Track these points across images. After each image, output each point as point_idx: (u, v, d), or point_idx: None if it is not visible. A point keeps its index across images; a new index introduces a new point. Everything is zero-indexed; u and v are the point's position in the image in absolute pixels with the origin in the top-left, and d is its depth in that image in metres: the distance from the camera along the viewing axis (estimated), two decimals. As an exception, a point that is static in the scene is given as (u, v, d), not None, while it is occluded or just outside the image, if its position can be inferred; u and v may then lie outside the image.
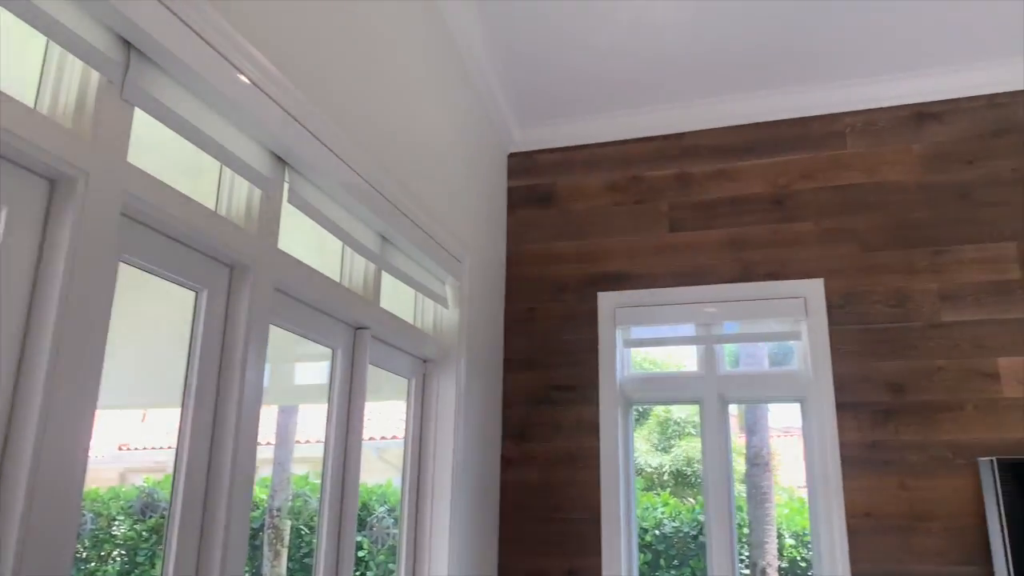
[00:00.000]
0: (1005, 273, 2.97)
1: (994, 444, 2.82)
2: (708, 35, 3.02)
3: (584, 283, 3.41)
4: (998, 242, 3.00)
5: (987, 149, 3.10)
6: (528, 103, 3.46)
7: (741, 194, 3.33)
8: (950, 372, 2.93)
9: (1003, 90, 3.12)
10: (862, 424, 2.97)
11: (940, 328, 2.98)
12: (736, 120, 3.39)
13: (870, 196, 3.18)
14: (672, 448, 8.31)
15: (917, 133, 3.19)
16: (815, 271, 3.16)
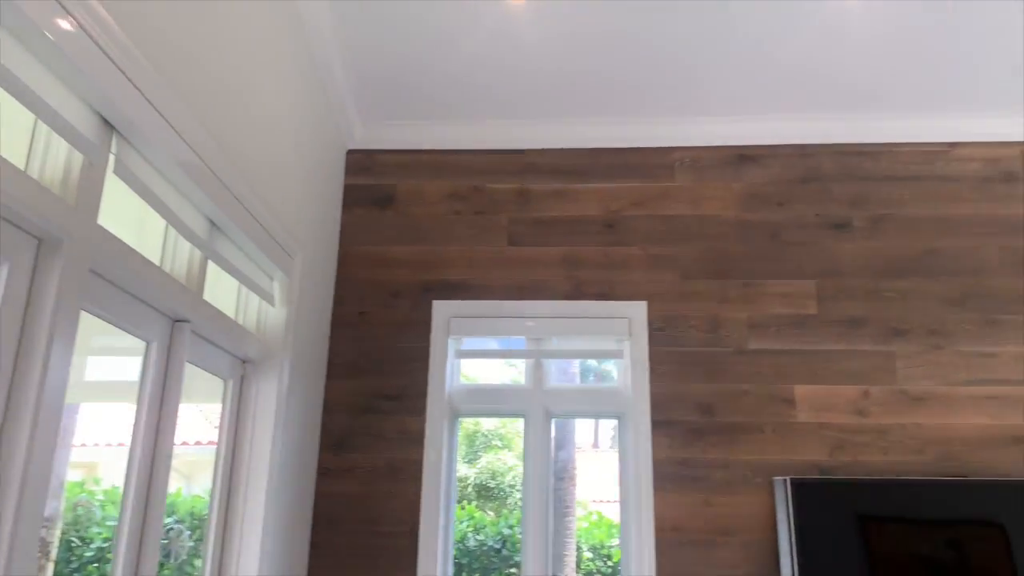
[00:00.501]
0: (804, 308, 3.25)
1: (788, 465, 3.07)
2: (562, 59, 3.07)
3: (419, 290, 3.33)
4: (800, 279, 3.28)
5: (795, 194, 3.39)
6: (374, 100, 3.34)
7: (577, 215, 3.41)
8: (753, 396, 3.15)
9: (811, 142, 3.43)
10: (674, 442, 3.12)
11: (747, 355, 3.21)
12: (578, 143, 3.48)
13: (693, 227, 3.37)
14: (478, 460, 8.38)
15: (738, 173, 3.43)
16: (640, 294, 3.29)
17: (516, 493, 7.81)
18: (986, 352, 3.16)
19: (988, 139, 3.40)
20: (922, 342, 3.18)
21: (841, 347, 3.19)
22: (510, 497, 7.88)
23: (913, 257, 3.29)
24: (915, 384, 3.14)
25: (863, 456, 3.06)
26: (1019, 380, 3.12)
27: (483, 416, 6.03)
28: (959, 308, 3.22)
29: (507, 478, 7.97)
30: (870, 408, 3.12)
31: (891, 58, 3.06)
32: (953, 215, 3.33)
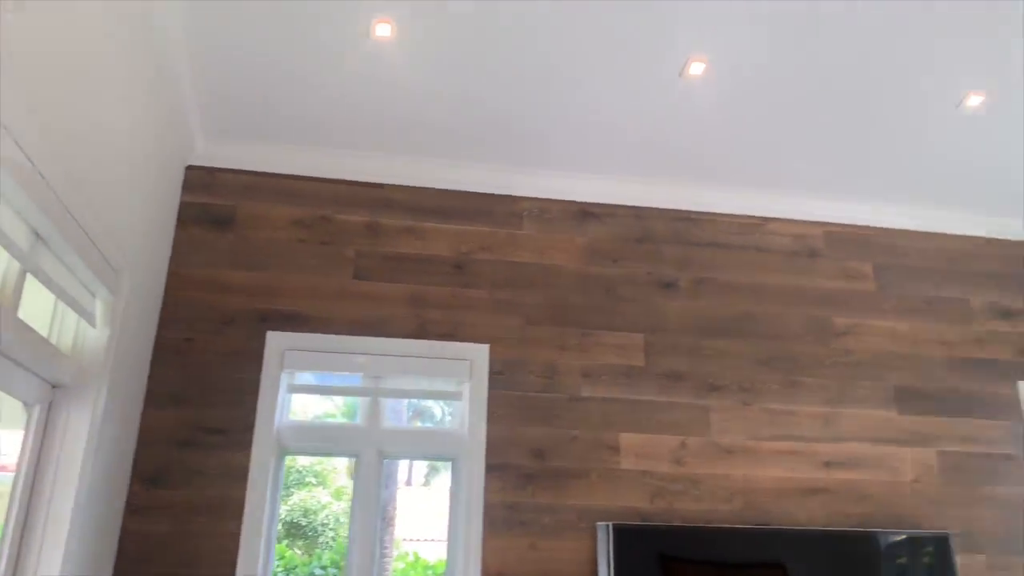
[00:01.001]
0: (633, 360, 3.43)
1: (611, 510, 3.19)
2: (425, 98, 3.08)
3: (254, 319, 3.18)
4: (631, 332, 3.47)
5: (631, 252, 3.59)
6: (221, 116, 3.19)
7: (426, 253, 3.41)
8: (582, 442, 3.27)
9: (647, 205, 3.67)
10: (506, 485, 3.16)
11: (579, 402, 3.33)
12: (433, 183, 3.49)
13: (537, 276, 3.47)
14: (290, 497, 8.02)
15: (581, 227, 3.59)
16: (483, 337, 3.33)
17: (329, 532, 7.54)
18: (788, 410, 3.48)
19: (796, 217, 3.79)
20: (734, 398, 3.45)
21: (663, 399, 3.39)
22: (322, 536, 7.59)
23: (730, 318, 3.57)
24: (726, 437, 3.39)
25: (679, 504, 3.25)
26: (814, 437, 3.45)
27: (313, 455, 5.80)
28: (767, 368, 3.53)
29: (320, 516, 7.68)
30: (686, 458, 3.32)
31: (721, 137, 3.34)
32: (765, 283, 3.67)
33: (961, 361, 3.73)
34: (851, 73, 3.02)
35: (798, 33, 2.84)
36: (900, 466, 3.49)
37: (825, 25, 2.80)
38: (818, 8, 2.73)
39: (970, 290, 3.86)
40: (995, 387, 3.70)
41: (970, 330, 3.79)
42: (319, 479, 8.24)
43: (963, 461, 3.55)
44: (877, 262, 3.81)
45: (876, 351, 3.65)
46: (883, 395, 3.58)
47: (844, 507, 3.38)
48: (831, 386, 3.55)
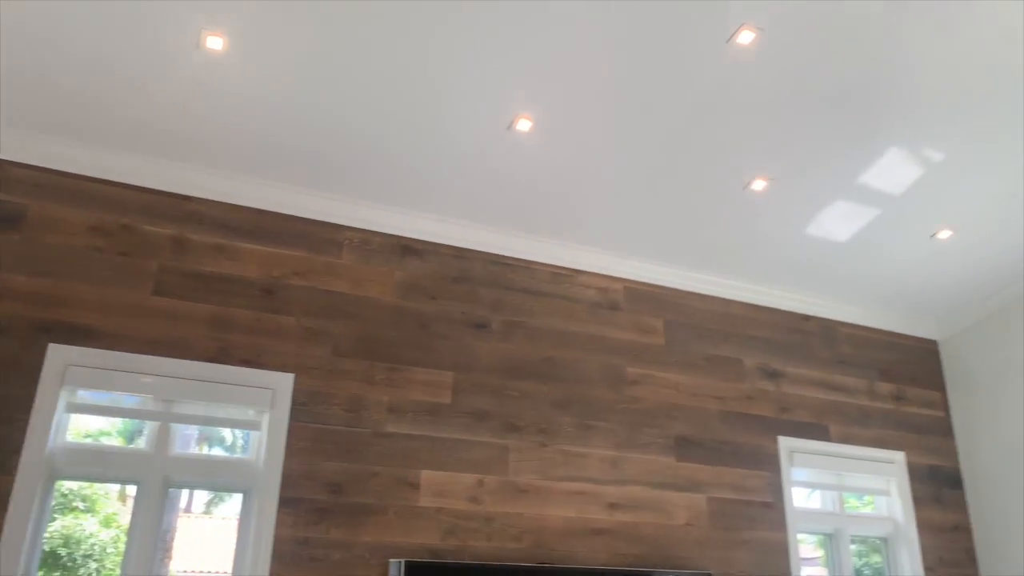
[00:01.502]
0: (441, 397, 3.48)
1: (405, 547, 3.20)
2: (254, 114, 3.00)
3: (33, 329, 2.90)
4: (441, 370, 3.53)
5: (448, 291, 3.67)
6: (15, 102, 2.91)
7: (235, 274, 3.29)
8: (382, 478, 3.26)
9: (467, 246, 3.77)
10: (299, 520, 3.08)
11: (383, 437, 3.32)
12: (250, 201, 3.38)
13: (351, 306, 3.45)
14: (51, 524, 7.23)
15: (401, 262, 3.62)
16: (289, 366, 3.25)
17: (92, 564, 6.87)
18: (580, 452, 3.67)
19: (603, 271, 4.05)
20: (532, 439, 3.60)
21: (466, 437, 3.47)
22: (83, 568, 6.90)
23: (534, 362, 3.74)
24: (522, 476, 3.52)
25: (471, 541, 3.32)
26: (603, 479, 3.67)
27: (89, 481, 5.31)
28: (563, 411, 3.71)
29: (83, 546, 6.98)
30: (483, 496, 3.41)
31: (543, 191, 3.53)
32: (569, 331, 3.87)
33: (732, 415, 4.12)
34: (660, 151, 3.31)
35: (620, 105, 3.08)
36: (674, 510, 3.78)
37: (646, 108, 3.07)
38: (640, 94, 2.99)
39: (744, 351, 4.29)
40: (759, 440, 4.13)
41: (742, 387, 4.21)
42: (88, 504, 7.50)
43: (728, 507, 3.91)
44: (668, 319, 4.15)
45: (661, 401, 3.96)
46: (664, 443, 3.88)
47: (623, 547, 3.60)
48: (620, 431, 3.80)
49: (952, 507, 4.55)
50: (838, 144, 3.36)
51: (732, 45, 2.82)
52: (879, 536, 4.40)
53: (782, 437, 4.20)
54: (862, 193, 3.69)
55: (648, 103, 3.07)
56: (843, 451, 4.34)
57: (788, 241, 4.03)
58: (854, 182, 3.61)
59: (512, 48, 2.77)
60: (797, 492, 4.19)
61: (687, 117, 3.16)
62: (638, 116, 3.14)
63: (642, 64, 2.89)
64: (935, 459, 4.62)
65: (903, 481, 4.45)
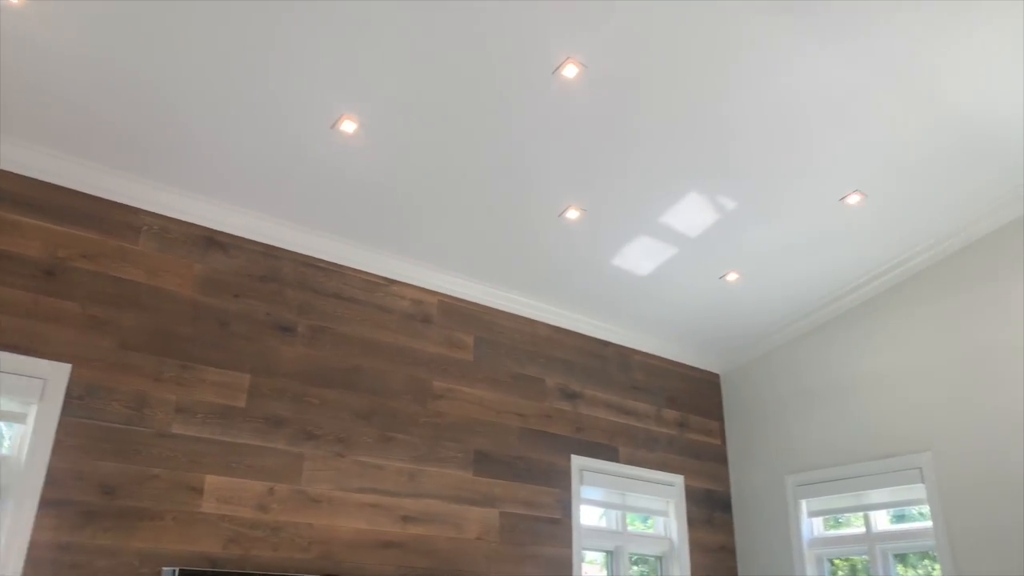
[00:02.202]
0: (235, 400, 3.33)
1: (180, 555, 3.02)
2: (56, 71, 2.74)
3: None
4: (238, 371, 3.38)
5: (253, 290, 3.53)
6: None
7: (11, 250, 2.98)
8: (162, 482, 3.07)
9: (278, 245, 3.65)
10: (62, 524, 2.82)
11: (168, 438, 3.13)
12: (36, 172, 3.08)
13: (144, 297, 3.23)
14: None
15: (203, 255, 3.44)
16: (65, 355, 2.98)
17: None
18: (378, 464, 3.64)
19: (418, 283, 4.06)
20: (329, 448, 3.52)
21: (259, 443, 3.34)
22: None
23: (340, 370, 3.67)
24: (316, 486, 3.43)
25: (255, 551, 3.19)
26: (398, 492, 3.66)
27: None
28: (365, 422, 3.67)
29: None
30: (272, 504, 3.29)
31: (364, 196, 3.49)
32: (379, 341, 3.85)
33: (531, 432, 4.26)
34: (482, 170, 3.39)
35: (447, 120, 3.12)
36: (467, 524, 3.84)
37: (472, 127, 3.13)
38: (467, 113, 3.05)
39: (547, 371, 4.46)
40: (553, 458, 4.29)
41: (542, 406, 4.37)
42: None
43: (520, 522, 4.03)
44: (478, 335, 4.23)
45: (464, 416, 4.02)
46: (463, 457, 3.94)
47: (413, 560, 3.60)
48: (420, 445, 3.81)
49: (721, 529, 4.95)
50: (646, 182, 3.60)
51: (557, 77, 2.95)
52: (655, 555, 4.70)
53: (575, 456, 4.39)
54: (663, 231, 3.97)
55: (474, 123, 3.14)
56: (630, 472, 4.61)
57: (595, 270, 4.24)
58: (657, 220, 3.87)
59: (342, 47, 2.74)
60: (585, 510, 4.39)
61: (511, 140, 3.26)
62: (464, 134, 3.19)
63: (470, 83, 2.95)
64: (710, 484, 5.01)
65: (681, 503, 4.78)
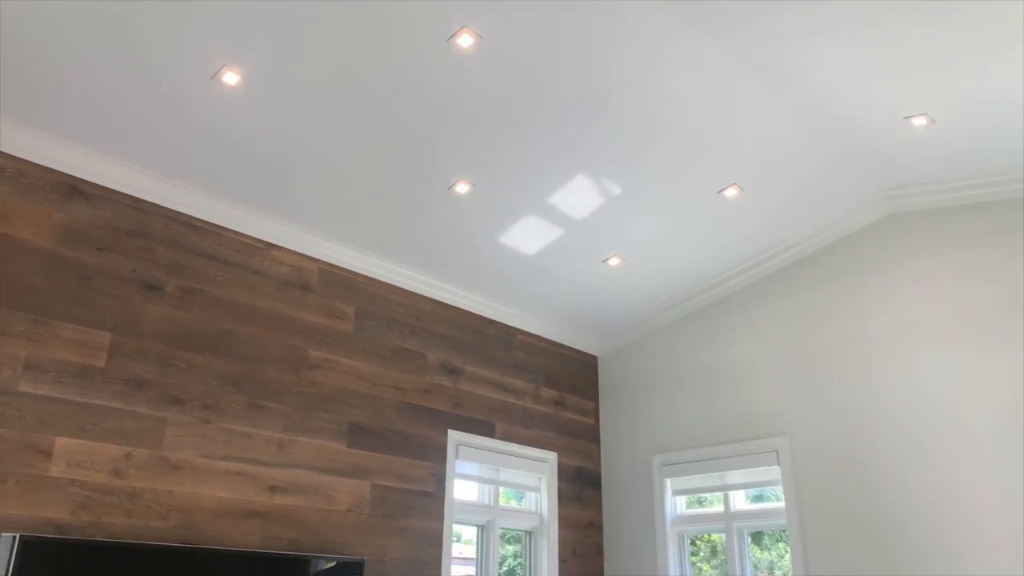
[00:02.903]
0: (93, 359, 3.14)
1: (27, 521, 2.83)
2: None
3: None
4: (97, 329, 3.18)
5: (119, 244, 3.33)
6: None
7: None
8: (5, 443, 2.86)
9: (148, 199, 3.45)
10: None
11: (12, 396, 2.91)
12: None
13: (-7, 244, 2.99)
14: None
15: (65, 203, 3.21)
16: None
17: None
18: (246, 432, 3.53)
19: (299, 249, 3.95)
20: (195, 414, 3.38)
21: (119, 405, 3.17)
22: None
23: (210, 334, 3.52)
24: (178, 452, 3.29)
25: (107, 517, 3.03)
26: (267, 462, 3.56)
27: None
28: (235, 389, 3.54)
29: None
30: (129, 470, 3.13)
31: (245, 153, 3.35)
32: (254, 306, 3.71)
33: (409, 406, 4.23)
34: (371, 137, 3.32)
35: (335, 82, 3.03)
36: (338, 496, 3.78)
37: (361, 92, 3.05)
38: (356, 77, 2.96)
39: (428, 346, 4.44)
40: (430, 432, 4.28)
41: (422, 380, 4.34)
42: None
43: (391, 495, 4.00)
44: (359, 306, 4.16)
45: (340, 387, 3.95)
46: (337, 428, 3.87)
47: (279, 531, 3.52)
48: (292, 414, 3.71)
49: (590, 505, 5.09)
50: (537, 161, 3.62)
51: (452, 46, 2.92)
52: (525, 529, 4.78)
53: (452, 431, 4.40)
54: (551, 212, 4.01)
55: (365, 86, 3.07)
56: (505, 448, 4.66)
57: (482, 247, 4.25)
58: (545, 200, 3.91)
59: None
60: (459, 484, 4.41)
61: (402, 108, 3.20)
62: (353, 97, 3.11)
63: (362, 44, 2.88)
64: (582, 461, 5.14)
65: (553, 480, 4.88)
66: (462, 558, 4.50)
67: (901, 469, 3.94)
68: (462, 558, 4.50)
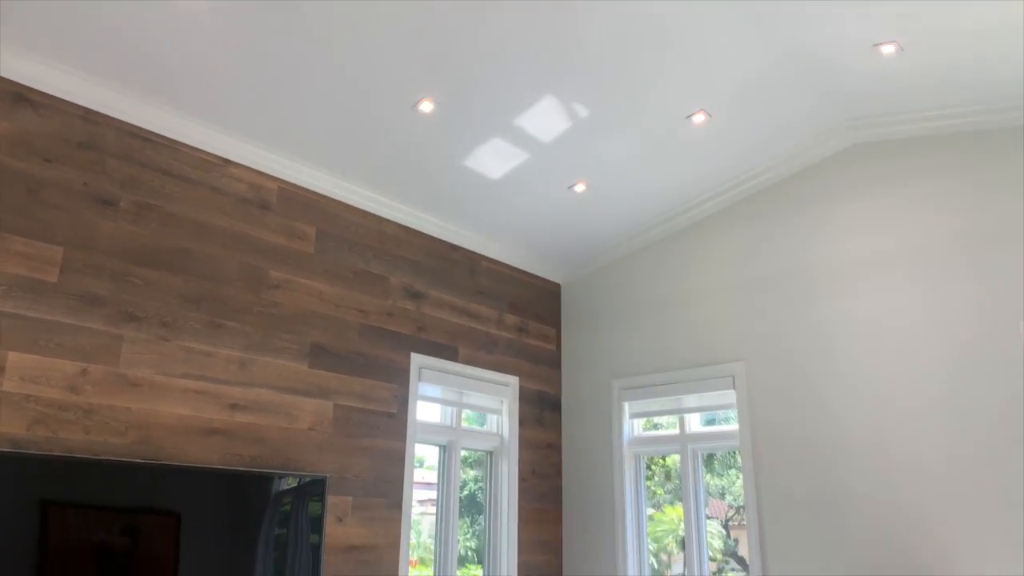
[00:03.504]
0: (45, 274, 3.07)
1: (-24, 435, 2.80)
2: None
3: None
4: (48, 243, 3.10)
5: (69, 156, 3.21)
6: None
7: None
8: (-45, 357, 2.80)
9: (100, 110, 3.32)
10: None
11: (-39, 310, 2.85)
12: None
13: (-66, 152, 2.86)
14: None
15: (10, 112, 3.08)
16: None
17: None
18: (206, 351, 3.50)
19: (258, 167, 3.85)
20: (152, 331, 3.34)
21: (73, 321, 3.11)
22: None
23: (166, 251, 3.45)
24: (135, 370, 3.26)
25: (64, 433, 3.01)
26: (226, 380, 3.54)
27: None
28: (193, 307, 3.50)
29: None
30: (85, 386, 3.10)
31: (202, 64, 3.22)
32: (211, 224, 3.64)
33: (371, 329, 4.23)
34: (331, 47, 3.21)
35: None
36: (300, 415, 3.79)
37: None
38: None
39: (391, 270, 4.41)
40: (393, 355, 4.29)
41: (385, 304, 4.33)
42: None
43: (354, 415, 4.03)
44: (320, 228, 4.10)
45: (301, 308, 3.92)
46: (299, 349, 3.86)
47: (240, 448, 3.53)
48: (253, 333, 3.69)
49: (550, 428, 5.18)
50: (504, 80, 3.55)
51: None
52: (486, 450, 4.87)
53: (415, 354, 4.41)
54: (517, 134, 3.96)
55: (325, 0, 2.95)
56: (467, 372, 4.70)
57: (447, 170, 4.19)
58: (512, 122, 3.85)
59: None
60: (422, 406, 4.45)
61: (366, 19, 3.09)
62: (315, 7, 2.99)
63: (321, -51, 2.75)
64: (543, 386, 5.21)
65: (514, 403, 4.95)
66: (424, 483, 4.58)
67: (853, 395, 4.06)
68: (424, 483, 4.58)
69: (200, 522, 3.25)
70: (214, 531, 3.30)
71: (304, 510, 3.61)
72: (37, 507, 2.82)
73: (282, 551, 3.50)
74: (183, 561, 3.16)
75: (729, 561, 4.63)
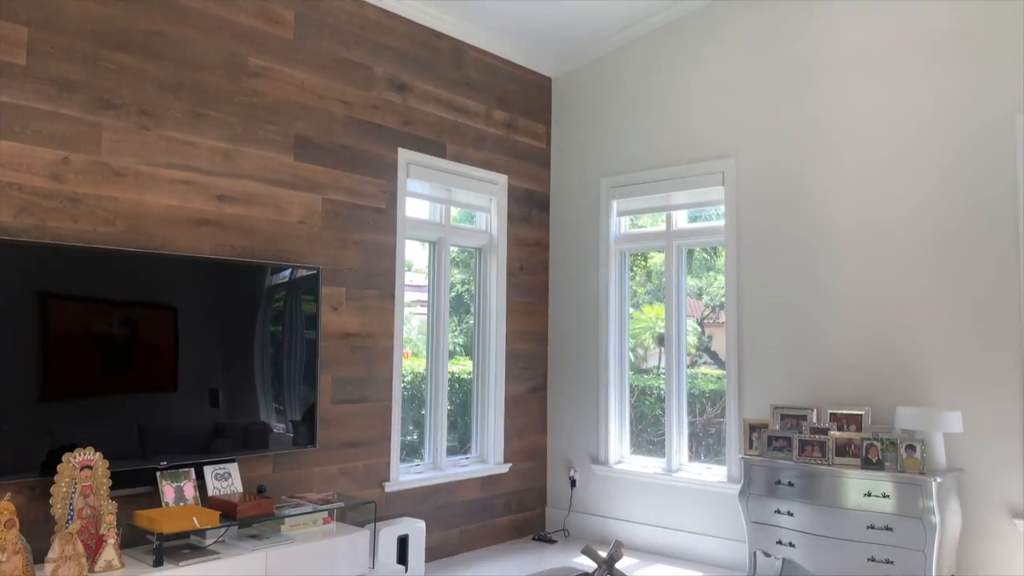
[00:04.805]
0: (12, 56, 2.92)
1: (-36, 221, 2.78)
2: None
3: None
4: (11, 23, 2.92)
5: (19, -77, 2.94)
6: None
7: None
8: (-70, 142, 2.73)
9: None
10: None
11: (-72, 93, 2.73)
12: None
13: None
14: None
15: None
16: None
17: None
18: (188, 141, 3.42)
19: (227, -57, 3.57)
20: (132, 120, 3.24)
21: (46, 107, 3.00)
22: None
23: (139, 33, 3.27)
24: (118, 159, 3.19)
25: (52, 221, 3.00)
26: (212, 171, 3.49)
27: None
28: (172, 95, 3.37)
29: None
30: (68, 175, 3.05)
31: None
32: (185, 5, 3.42)
33: (356, 121, 4.12)
34: None
35: None
36: (288, 208, 3.78)
37: None
38: None
39: (375, 59, 4.22)
40: (379, 150, 4.22)
41: (369, 95, 4.19)
42: None
43: (343, 209, 4.02)
44: (299, 11, 3.87)
45: (283, 98, 3.79)
46: (283, 140, 3.78)
47: (231, 239, 3.55)
48: (236, 124, 3.59)
49: (538, 226, 5.23)
50: None
51: None
52: (475, 246, 4.93)
53: (402, 149, 4.34)
54: (506, -94, 3.64)
55: None
56: (456, 168, 4.65)
57: (431, -53, 3.89)
58: None
59: None
60: (411, 202, 4.45)
61: None
62: None
63: None
64: (532, 184, 5.19)
65: (503, 200, 4.95)
66: (414, 285, 4.67)
67: (834, 193, 4.07)
68: (414, 285, 4.67)
69: (197, 316, 3.34)
70: (212, 324, 3.39)
71: (299, 300, 3.70)
72: (36, 299, 2.86)
73: (278, 344, 3.62)
74: (183, 353, 3.27)
75: (703, 355, 4.85)
